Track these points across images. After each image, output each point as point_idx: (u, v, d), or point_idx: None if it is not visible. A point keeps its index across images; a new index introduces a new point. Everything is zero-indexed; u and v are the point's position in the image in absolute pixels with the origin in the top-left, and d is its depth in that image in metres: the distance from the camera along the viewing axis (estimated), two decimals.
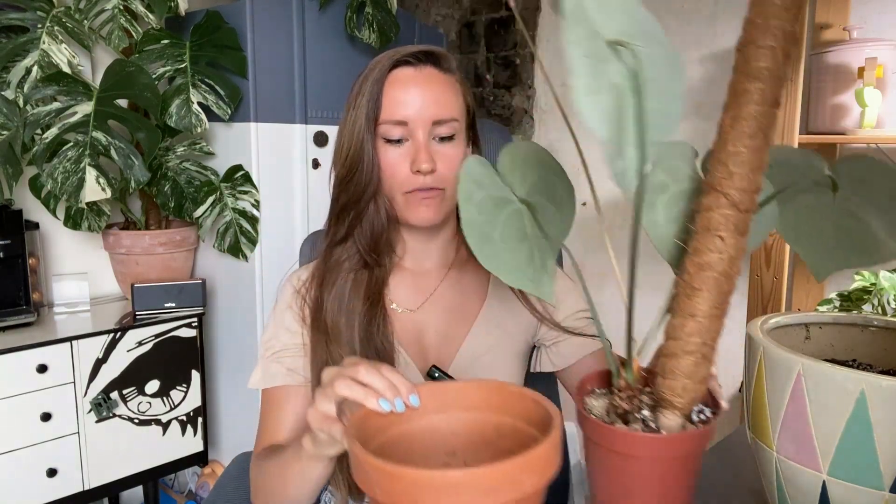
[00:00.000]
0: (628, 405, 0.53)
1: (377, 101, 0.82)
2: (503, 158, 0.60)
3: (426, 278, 0.92)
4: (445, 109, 0.83)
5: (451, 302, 0.91)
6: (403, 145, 0.83)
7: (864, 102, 1.24)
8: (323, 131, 1.82)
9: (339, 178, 0.87)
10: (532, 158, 0.60)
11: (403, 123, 0.82)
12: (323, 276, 0.87)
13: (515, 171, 0.60)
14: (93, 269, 1.87)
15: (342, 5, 1.78)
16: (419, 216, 0.84)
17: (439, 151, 0.83)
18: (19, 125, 1.48)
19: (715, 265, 0.48)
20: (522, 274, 0.56)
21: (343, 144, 0.85)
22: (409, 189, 0.83)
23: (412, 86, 0.82)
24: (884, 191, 0.57)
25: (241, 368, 1.86)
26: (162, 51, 1.65)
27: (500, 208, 0.57)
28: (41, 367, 1.46)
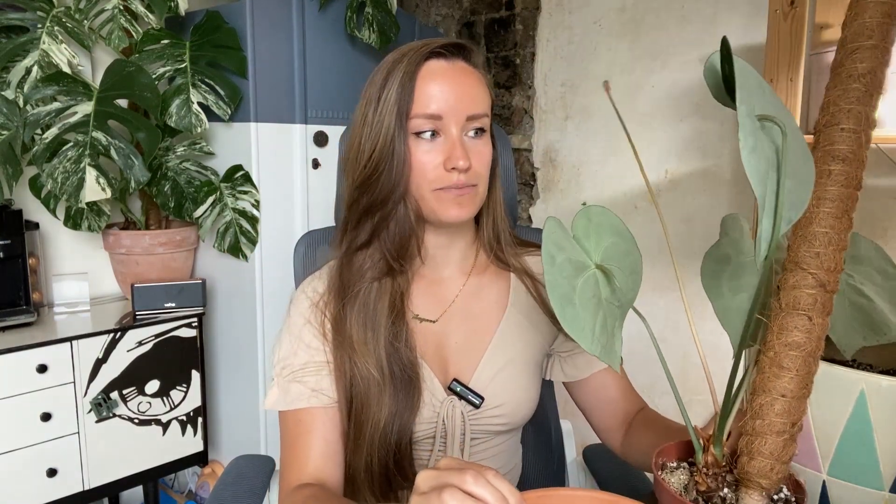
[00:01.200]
0: (713, 483, 0.53)
1: (410, 94, 0.77)
2: (578, 222, 0.62)
3: (445, 286, 0.88)
4: (478, 104, 0.79)
5: (470, 312, 0.88)
6: (435, 141, 0.78)
7: None
8: (323, 131, 1.82)
9: (360, 178, 0.80)
10: (606, 224, 0.61)
11: (437, 118, 0.77)
12: (343, 287, 0.82)
13: (590, 236, 0.61)
14: (93, 269, 1.87)
15: (342, 5, 1.78)
16: (451, 214, 0.79)
17: (472, 148, 0.79)
18: (19, 125, 1.48)
19: (803, 345, 0.49)
20: (597, 341, 0.57)
21: (364, 141, 0.79)
22: (441, 187, 0.78)
23: (446, 79, 0.78)
24: (874, 267, 0.59)
25: (241, 368, 1.86)
26: (162, 51, 1.65)
27: (579, 273, 0.58)
28: (41, 367, 1.46)
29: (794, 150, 0.48)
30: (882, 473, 0.54)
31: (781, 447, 0.50)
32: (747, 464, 0.51)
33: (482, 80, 0.82)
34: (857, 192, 0.48)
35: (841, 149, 0.48)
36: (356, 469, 0.81)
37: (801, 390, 0.50)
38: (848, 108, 0.47)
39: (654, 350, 0.59)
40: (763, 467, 0.51)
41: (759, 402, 0.51)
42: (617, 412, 0.90)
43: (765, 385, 0.51)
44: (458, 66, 0.79)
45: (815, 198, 0.48)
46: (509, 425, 0.87)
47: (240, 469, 1.03)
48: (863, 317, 0.58)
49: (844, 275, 0.60)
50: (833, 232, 0.48)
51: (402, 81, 0.77)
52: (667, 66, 1.81)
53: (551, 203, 2.10)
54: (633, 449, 0.85)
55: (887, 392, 0.54)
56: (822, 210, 0.48)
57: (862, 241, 0.61)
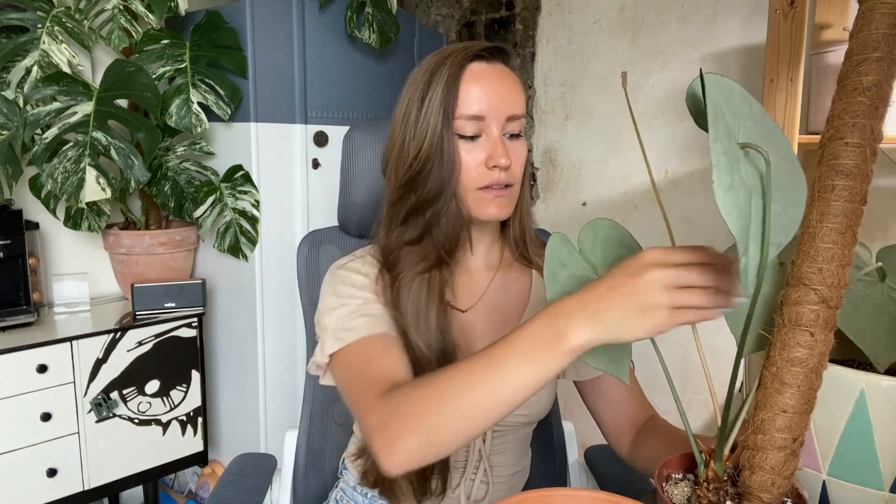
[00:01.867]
0: (714, 497, 0.53)
1: (455, 95, 0.80)
2: (584, 236, 0.62)
3: (475, 279, 0.92)
4: (517, 105, 0.83)
5: (497, 304, 0.91)
6: (476, 141, 0.82)
7: None
8: (323, 131, 1.82)
9: (406, 177, 0.83)
10: (612, 237, 0.62)
11: (480, 118, 0.81)
12: (394, 279, 0.84)
13: (596, 250, 0.62)
14: (93, 269, 1.87)
15: (342, 5, 1.78)
16: (489, 212, 0.83)
17: (510, 148, 0.83)
18: (19, 125, 1.48)
19: (805, 361, 0.49)
20: (603, 355, 0.58)
21: (409, 141, 0.82)
22: (484, 185, 0.82)
23: (488, 81, 0.81)
24: None
25: (241, 368, 1.86)
26: (162, 51, 1.65)
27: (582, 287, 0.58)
28: (41, 367, 1.46)
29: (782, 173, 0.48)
30: (882, 473, 0.54)
31: (782, 462, 0.50)
32: (749, 478, 0.51)
33: (518, 82, 0.85)
34: (862, 207, 0.48)
35: (845, 163, 0.47)
36: None
37: (803, 406, 0.50)
38: (853, 121, 0.47)
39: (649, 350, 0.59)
40: (764, 482, 0.51)
41: (760, 418, 0.51)
42: (625, 415, 0.91)
43: (766, 400, 0.51)
44: (498, 68, 0.83)
45: (819, 213, 0.48)
46: (529, 417, 0.90)
47: (241, 468, 1.03)
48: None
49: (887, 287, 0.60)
50: (836, 248, 0.47)
51: (446, 83, 0.80)
52: (667, 66, 1.81)
53: (551, 203, 2.10)
54: (640, 456, 0.86)
55: (887, 392, 0.54)
56: (826, 225, 0.47)
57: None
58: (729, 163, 0.46)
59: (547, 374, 0.57)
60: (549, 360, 0.56)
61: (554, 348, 0.56)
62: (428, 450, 0.63)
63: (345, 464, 1.01)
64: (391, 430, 0.64)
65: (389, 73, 1.97)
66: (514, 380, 0.58)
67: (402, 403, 0.65)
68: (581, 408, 0.98)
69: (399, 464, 0.63)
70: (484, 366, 0.60)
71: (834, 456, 0.57)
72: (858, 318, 0.59)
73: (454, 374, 0.62)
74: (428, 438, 0.62)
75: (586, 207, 2.01)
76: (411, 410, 0.64)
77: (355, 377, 0.76)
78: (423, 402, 0.63)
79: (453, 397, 0.60)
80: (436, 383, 0.63)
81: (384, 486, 0.86)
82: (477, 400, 0.59)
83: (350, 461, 0.96)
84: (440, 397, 0.62)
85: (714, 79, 0.49)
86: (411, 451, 0.63)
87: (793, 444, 0.50)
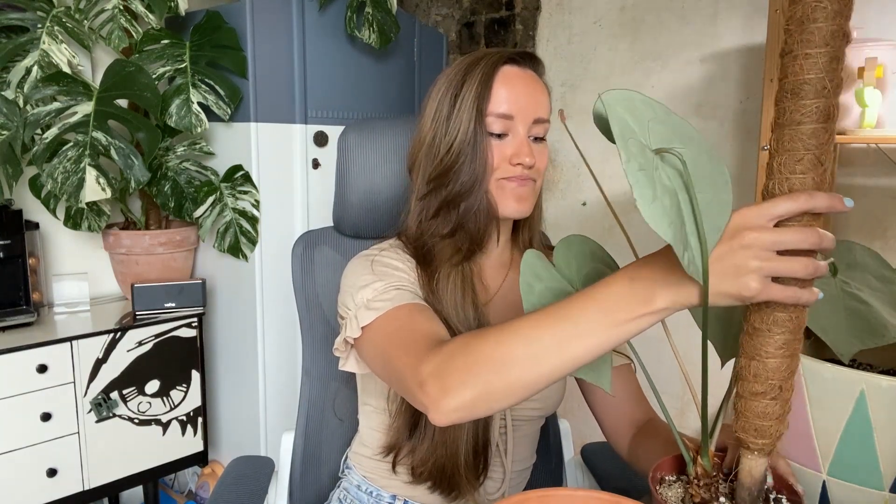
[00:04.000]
0: (706, 494, 0.53)
1: (487, 94, 0.83)
2: (558, 252, 0.63)
3: (489, 277, 0.94)
4: (544, 110, 0.87)
5: (511, 300, 0.93)
6: (503, 140, 0.85)
7: (864, 102, 1.24)
8: (323, 131, 1.82)
9: (437, 171, 0.86)
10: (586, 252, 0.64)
11: (508, 117, 0.84)
12: (435, 273, 0.86)
13: (571, 264, 0.63)
14: (93, 269, 1.87)
15: (342, 5, 1.78)
16: (511, 208, 0.86)
17: (535, 149, 0.87)
18: (19, 125, 1.48)
19: (775, 305, 0.49)
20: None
21: (440, 137, 0.85)
22: (504, 175, 0.85)
23: (519, 83, 0.85)
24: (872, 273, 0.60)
25: (241, 368, 1.86)
26: (162, 51, 1.65)
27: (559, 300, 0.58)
28: (41, 367, 1.46)
29: (700, 163, 0.48)
30: (882, 473, 0.54)
31: (764, 407, 0.50)
32: (737, 426, 0.51)
33: (546, 90, 0.89)
34: (828, 125, 0.47)
35: (809, 77, 0.46)
36: (457, 447, 0.82)
37: (779, 350, 0.49)
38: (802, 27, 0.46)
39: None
40: (748, 428, 0.51)
41: (740, 365, 0.51)
42: (624, 415, 0.92)
43: (743, 348, 0.51)
44: (528, 73, 0.87)
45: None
46: (542, 410, 0.92)
47: (239, 470, 1.03)
48: (860, 322, 0.59)
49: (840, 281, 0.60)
50: (816, 143, 0.47)
51: (480, 81, 0.84)
52: (667, 66, 1.81)
53: (551, 203, 2.10)
54: (638, 457, 0.87)
55: (887, 392, 0.54)
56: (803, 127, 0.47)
57: (857, 248, 0.61)
58: (647, 177, 0.46)
59: (621, 336, 0.54)
60: (628, 322, 0.53)
61: (635, 310, 0.53)
62: (484, 401, 0.60)
63: (348, 462, 1.01)
64: (447, 378, 0.61)
65: (389, 73, 1.97)
66: (588, 336, 0.55)
67: (459, 352, 0.63)
68: (578, 406, 0.99)
69: (451, 411, 0.61)
70: (557, 319, 0.57)
71: (834, 456, 0.57)
72: (818, 313, 0.60)
73: (519, 326, 0.59)
74: (486, 388, 0.59)
75: (586, 207, 2.01)
76: (472, 358, 0.61)
77: (396, 335, 0.73)
78: (484, 351, 0.60)
79: (519, 346, 0.58)
80: (497, 333, 0.61)
81: (441, 476, 0.85)
82: (544, 352, 0.57)
83: (368, 460, 0.95)
84: (503, 347, 0.59)
85: (612, 96, 0.49)
86: (466, 401, 0.60)
87: (771, 388, 0.50)
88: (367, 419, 0.96)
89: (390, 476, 0.92)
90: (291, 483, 1.08)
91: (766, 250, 0.48)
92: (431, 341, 0.69)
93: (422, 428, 0.85)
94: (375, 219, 1.05)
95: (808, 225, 0.48)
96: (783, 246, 0.48)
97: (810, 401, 0.58)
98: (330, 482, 1.08)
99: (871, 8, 1.45)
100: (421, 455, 0.85)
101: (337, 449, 1.09)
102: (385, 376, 0.76)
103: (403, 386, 0.69)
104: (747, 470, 0.51)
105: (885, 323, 0.58)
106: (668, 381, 1.82)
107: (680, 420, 1.84)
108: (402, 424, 0.87)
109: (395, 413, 0.89)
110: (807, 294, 0.49)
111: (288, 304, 1.78)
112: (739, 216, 0.49)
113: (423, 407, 0.64)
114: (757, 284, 0.48)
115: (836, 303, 0.60)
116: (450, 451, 0.83)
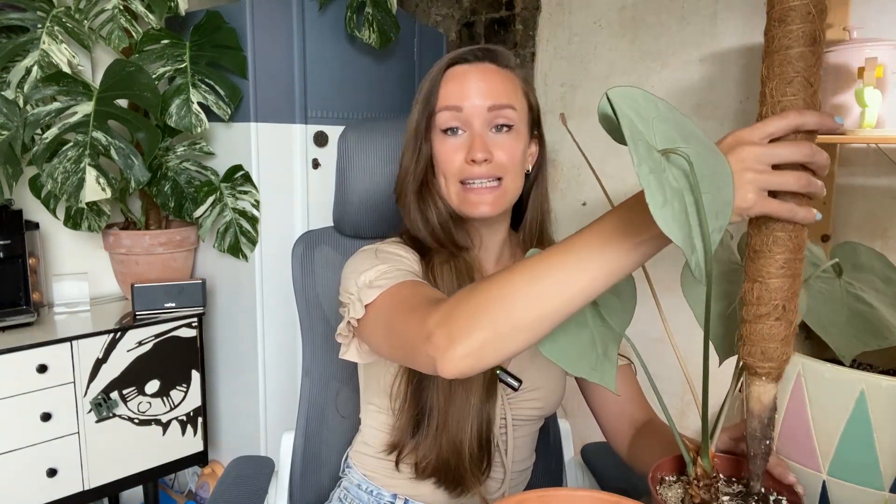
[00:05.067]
0: (706, 494, 0.53)
1: (435, 94, 0.85)
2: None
3: (492, 271, 0.93)
4: (500, 96, 0.84)
5: None
6: (460, 136, 0.84)
7: (864, 102, 1.23)
8: (323, 131, 1.82)
9: (400, 175, 0.90)
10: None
11: (457, 108, 0.83)
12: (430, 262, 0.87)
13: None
14: (93, 269, 1.87)
15: (342, 5, 1.78)
16: (475, 209, 0.84)
17: (496, 142, 0.84)
18: (19, 125, 1.48)
19: (774, 225, 0.49)
20: (585, 362, 0.58)
21: (406, 141, 0.89)
22: (464, 178, 0.84)
23: (469, 75, 0.85)
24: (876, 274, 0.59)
25: (241, 368, 1.86)
26: (162, 51, 1.65)
27: None
28: (41, 367, 1.46)
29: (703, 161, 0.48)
30: (882, 473, 0.54)
31: (768, 329, 0.50)
32: (746, 353, 0.51)
33: (510, 76, 0.87)
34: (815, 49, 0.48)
35: (794, 4, 0.47)
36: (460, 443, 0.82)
37: (780, 270, 0.49)
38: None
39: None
40: (755, 352, 0.50)
41: (745, 290, 0.51)
42: (624, 415, 0.91)
43: (749, 272, 0.51)
44: (481, 66, 0.86)
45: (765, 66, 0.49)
46: (543, 410, 0.92)
47: (239, 470, 1.03)
48: (863, 323, 0.59)
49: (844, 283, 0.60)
50: (804, 66, 0.48)
51: (429, 86, 0.85)
52: (667, 66, 1.81)
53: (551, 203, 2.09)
54: (638, 457, 0.87)
55: (887, 392, 0.53)
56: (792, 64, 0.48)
57: (862, 250, 0.61)
58: (657, 180, 0.46)
59: (624, 265, 0.53)
60: (630, 250, 0.52)
61: (636, 236, 0.52)
62: (491, 345, 0.58)
63: (349, 462, 1.01)
64: (453, 325, 0.60)
65: (389, 73, 1.97)
66: (593, 267, 0.54)
67: (463, 299, 0.61)
68: (578, 406, 0.99)
69: (459, 359, 0.59)
70: (559, 254, 0.56)
71: (834, 456, 0.57)
72: (820, 313, 0.60)
73: (522, 266, 0.58)
74: (493, 331, 0.58)
75: (586, 207, 2.01)
76: (476, 302, 0.60)
77: (400, 305, 0.72)
78: (488, 295, 0.59)
79: (524, 285, 0.57)
80: (501, 277, 0.60)
81: (446, 471, 0.85)
82: (550, 287, 0.55)
83: (370, 458, 0.95)
84: (507, 288, 0.58)
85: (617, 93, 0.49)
86: (474, 347, 0.58)
87: (774, 309, 0.50)
88: (370, 418, 0.96)
89: (393, 475, 0.92)
90: (291, 483, 1.08)
91: (761, 163, 0.49)
92: (436, 301, 0.68)
93: (425, 425, 0.85)
94: (375, 219, 1.05)
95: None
96: (777, 159, 0.49)
97: (810, 401, 0.58)
98: (330, 482, 1.08)
99: (871, 8, 1.45)
100: (424, 451, 0.85)
101: (337, 449, 1.09)
102: (389, 348, 0.75)
103: (409, 347, 0.67)
104: (756, 397, 0.51)
105: (888, 325, 0.58)
106: (668, 381, 1.82)
107: (680, 420, 1.84)
108: (406, 423, 0.87)
109: (398, 411, 0.88)
110: (803, 211, 0.49)
111: (288, 304, 1.78)
112: (734, 136, 0.51)
113: (430, 361, 0.62)
114: (753, 196, 0.49)
115: (840, 304, 0.60)
116: (454, 445, 0.83)
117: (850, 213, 1.49)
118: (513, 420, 0.90)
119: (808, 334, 0.74)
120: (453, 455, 0.83)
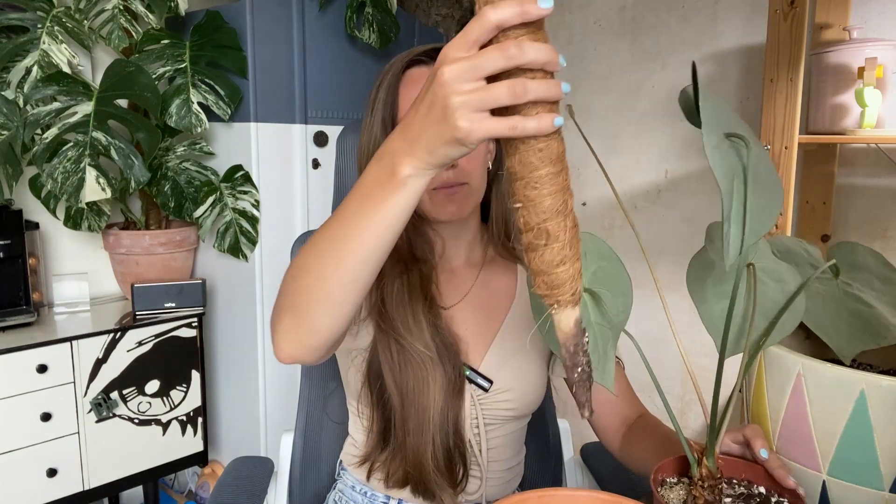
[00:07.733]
0: (710, 496, 0.53)
1: (394, 102, 0.83)
2: None
3: (459, 277, 0.93)
4: None
5: (482, 301, 0.92)
6: None
7: (864, 102, 1.24)
8: (323, 131, 1.82)
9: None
10: (593, 249, 0.62)
11: None
12: (379, 285, 0.85)
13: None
14: (93, 269, 1.87)
15: (342, 5, 1.78)
16: (444, 212, 0.84)
17: None
18: (19, 125, 1.48)
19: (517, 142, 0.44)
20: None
21: (363, 148, 0.86)
22: (433, 186, 0.83)
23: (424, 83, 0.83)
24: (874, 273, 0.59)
25: (241, 368, 1.86)
26: (162, 51, 1.65)
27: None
28: (41, 367, 1.46)
29: (759, 165, 0.48)
30: (882, 473, 0.54)
31: (550, 254, 0.45)
32: (536, 285, 0.47)
33: None
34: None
35: None
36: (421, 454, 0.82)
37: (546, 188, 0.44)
38: None
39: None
40: (541, 283, 0.47)
41: (515, 220, 0.47)
42: (615, 413, 0.91)
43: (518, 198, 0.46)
44: None
45: None
46: (517, 411, 0.90)
47: (239, 471, 1.03)
48: (862, 323, 0.59)
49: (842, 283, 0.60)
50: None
51: (386, 92, 0.83)
52: (667, 66, 1.81)
53: None
54: (631, 455, 0.86)
55: (887, 392, 0.53)
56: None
57: (860, 249, 0.61)
58: (718, 139, 0.45)
59: (385, 214, 0.52)
60: (384, 203, 0.52)
61: (387, 185, 0.51)
62: (299, 326, 0.61)
63: (343, 465, 1.01)
64: (273, 316, 0.64)
65: None
66: (359, 227, 0.54)
67: (279, 291, 0.64)
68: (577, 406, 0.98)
69: (281, 348, 0.63)
70: (331, 223, 0.57)
71: (834, 456, 0.57)
72: (819, 314, 0.60)
73: (313, 240, 0.59)
74: (294, 312, 0.60)
75: (586, 207, 2.01)
76: (282, 290, 0.63)
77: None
78: (289, 278, 0.62)
79: (309, 261, 0.59)
80: (298, 257, 0.61)
81: (415, 483, 0.85)
82: (328, 256, 0.56)
83: (353, 468, 0.96)
84: (299, 267, 0.60)
85: (705, 88, 0.49)
86: (286, 332, 0.61)
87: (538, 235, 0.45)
88: (352, 425, 0.96)
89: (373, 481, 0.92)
90: (291, 483, 1.08)
91: (467, 81, 0.43)
92: None
93: (392, 437, 0.84)
94: None
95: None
96: (483, 70, 0.42)
97: (810, 401, 0.58)
98: (329, 482, 1.08)
99: (871, 8, 1.45)
100: (389, 466, 0.85)
101: (336, 449, 1.09)
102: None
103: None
104: (557, 326, 0.48)
105: (887, 324, 0.58)
106: (668, 382, 1.82)
107: (680, 420, 1.84)
108: (375, 436, 0.87)
109: (367, 427, 0.89)
110: (532, 122, 0.43)
111: None
112: (441, 53, 0.45)
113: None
114: (466, 123, 0.43)
115: (839, 304, 0.60)
116: (416, 459, 0.82)
117: (850, 213, 1.49)
118: (485, 420, 0.88)
119: (808, 334, 0.74)
120: (415, 469, 0.82)
